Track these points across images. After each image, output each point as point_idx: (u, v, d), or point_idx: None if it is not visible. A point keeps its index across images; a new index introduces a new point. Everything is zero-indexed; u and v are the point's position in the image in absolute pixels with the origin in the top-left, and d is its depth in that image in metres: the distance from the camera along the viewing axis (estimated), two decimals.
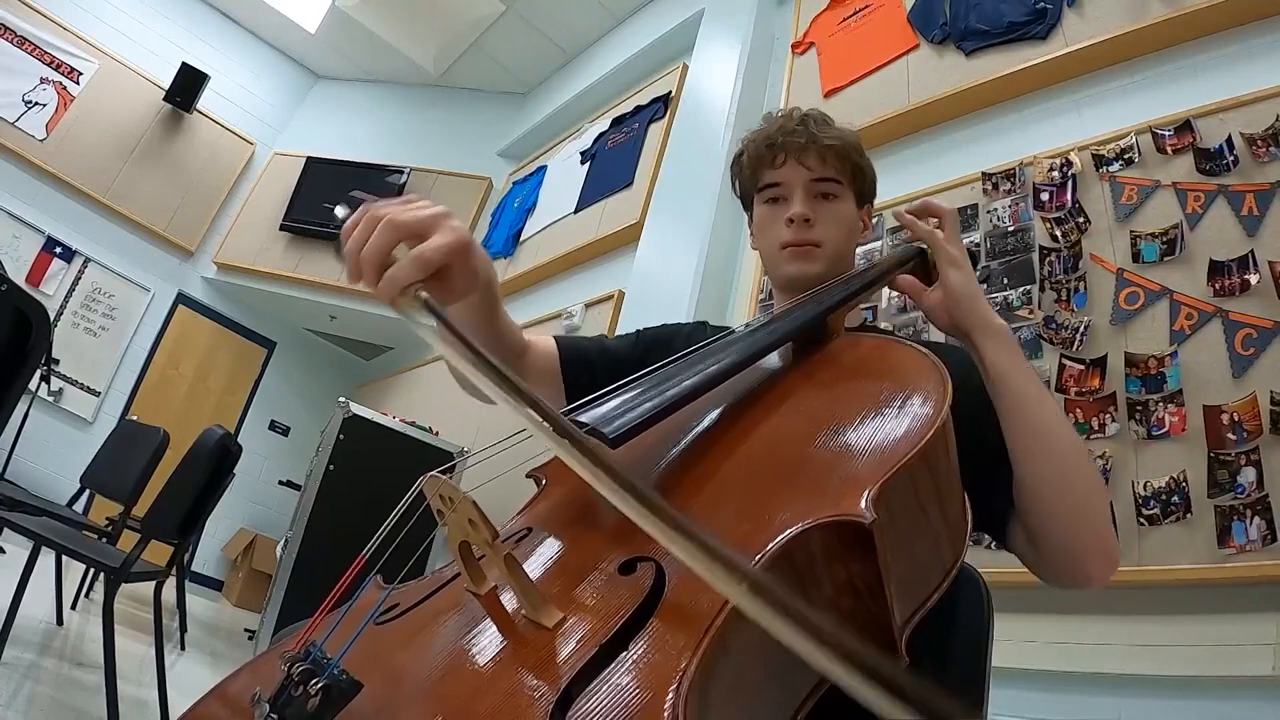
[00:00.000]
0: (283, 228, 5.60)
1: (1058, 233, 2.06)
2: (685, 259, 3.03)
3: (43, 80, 5.08)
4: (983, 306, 0.80)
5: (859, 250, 1.08)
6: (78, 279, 5.13)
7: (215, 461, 2.34)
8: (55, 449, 4.74)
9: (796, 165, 0.94)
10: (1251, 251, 1.69)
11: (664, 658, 0.39)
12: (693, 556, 0.38)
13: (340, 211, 0.60)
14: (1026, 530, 0.77)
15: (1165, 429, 1.67)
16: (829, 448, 0.56)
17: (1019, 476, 0.76)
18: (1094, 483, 0.76)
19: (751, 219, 1.03)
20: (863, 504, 0.46)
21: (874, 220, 2.43)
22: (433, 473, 0.50)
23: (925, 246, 1.00)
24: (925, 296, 0.84)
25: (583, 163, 4.45)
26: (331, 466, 3.34)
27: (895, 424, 0.55)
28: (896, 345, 0.70)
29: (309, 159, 5.83)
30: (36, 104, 5.03)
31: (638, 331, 1.09)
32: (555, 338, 0.99)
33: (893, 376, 0.64)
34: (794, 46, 3.30)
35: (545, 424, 0.44)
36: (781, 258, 0.95)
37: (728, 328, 1.05)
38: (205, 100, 5.65)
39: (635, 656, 0.40)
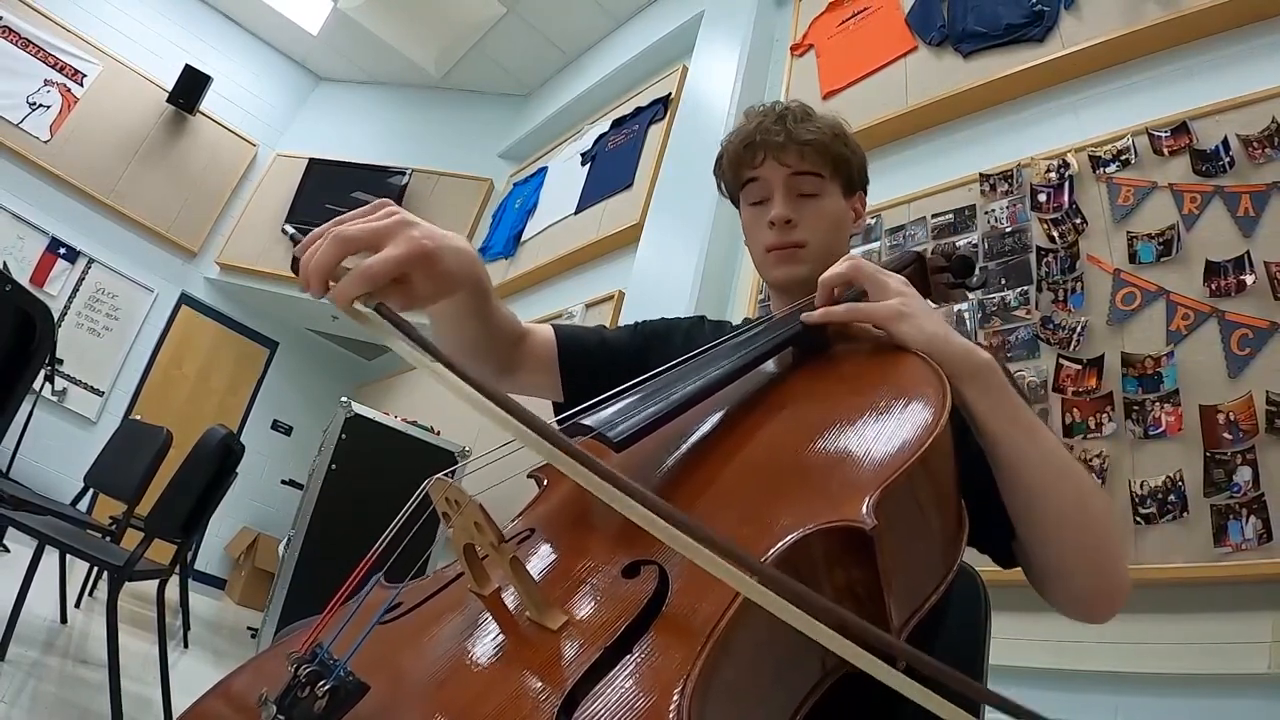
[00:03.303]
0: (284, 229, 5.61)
1: (1055, 233, 2.06)
2: (685, 259, 3.04)
3: (46, 82, 5.09)
4: (955, 346, 0.67)
5: (860, 249, 1.06)
6: (81, 279, 5.14)
7: (218, 461, 2.34)
8: (59, 448, 4.75)
9: (775, 164, 0.92)
10: (1247, 252, 1.70)
11: (668, 660, 0.39)
12: (699, 554, 0.38)
13: (289, 229, 0.59)
14: (1031, 571, 0.74)
15: (1162, 428, 1.68)
16: (830, 453, 0.56)
17: (1018, 531, 0.70)
18: (1099, 529, 0.69)
19: (746, 237, 1.02)
20: (864, 510, 0.46)
21: (873, 220, 2.47)
22: (439, 475, 0.51)
23: (921, 251, 1.01)
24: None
25: (583, 164, 4.46)
26: (334, 466, 3.35)
27: (895, 430, 0.55)
28: (897, 350, 0.69)
29: (311, 160, 5.83)
30: (40, 105, 5.04)
31: (636, 324, 1.07)
32: (554, 326, 0.97)
33: (893, 382, 0.64)
34: (793, 48, 3.31)
35: (528, 430, 0.44)
36: (768, 261, 0.94)
37: (727, 323, 1.04)
38: (208, 102, 5.66)
39: (639, 659, 0.40)
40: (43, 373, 3.76)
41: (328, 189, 5.43)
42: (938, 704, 0.33)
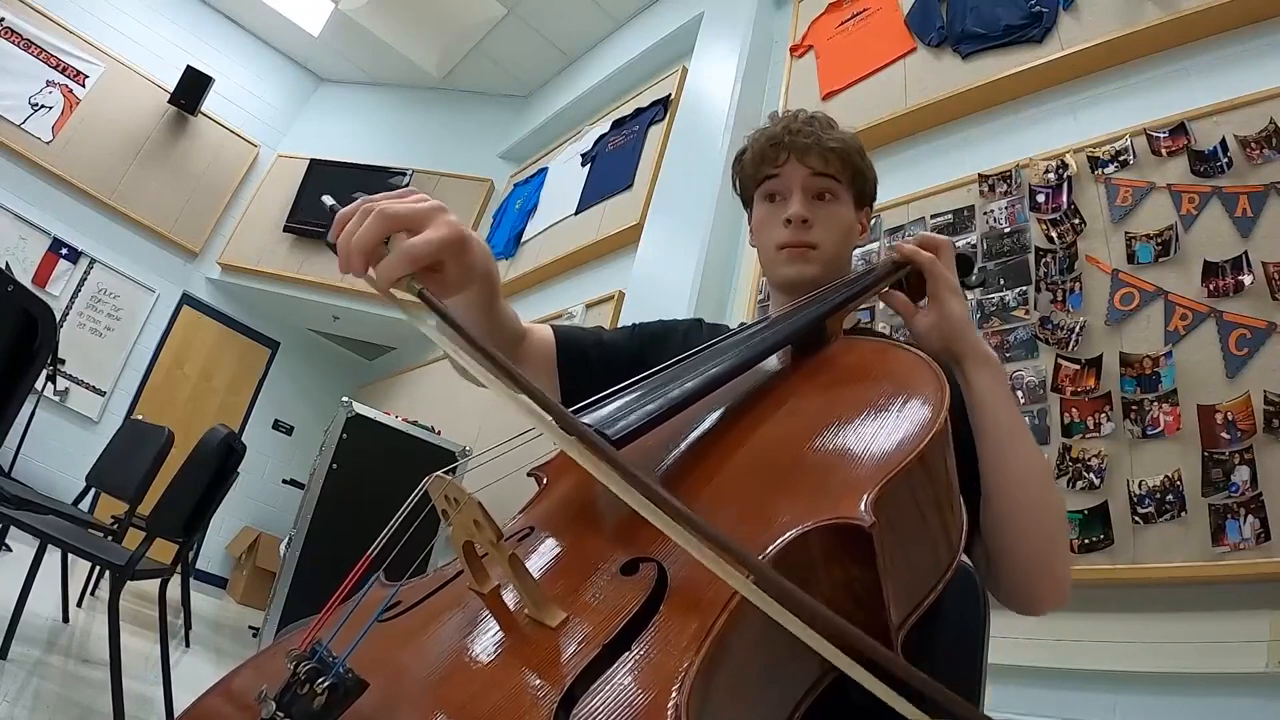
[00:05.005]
0: (286, 229, 5.62)
1: (1053, 234, 2.07)
2: (685, 260, 3.05)
3: (49, 83, 5.10)
4: (975, 334, 0.81)
5: (857, 252, 1.08)
6: (83, 280, 5.15)
7: (220, 460, 2.34)
8: (61, 448, 4.77)
9: (798, 164, 0.94)
10: (1245, 253, 1.70)
11: (666, 658, 0.39)
12: (698, 548, 0.38)
13: (328, 200, 0.59)
14: (988, 552, 0.77)
15: (1160, 428, 1.69)
16: (828, 451, 0.56)
17: (989, 504, 0.76)
18: (1058, 519, 0.78)
19: (750, 217, 1.03)
20: (862, 507, 0.46)
21: (871, 222, 2.47)
22: (438, 473, 0.51)
23: None
24: (916, 320, 0.84)
25: (583, 165, 4.47)
26: (335, 465, 3.36)
27: (894, 427, 0.55)
28: (895, 349, 0.70)
29: (312, 161, 5.85)
30: (43, 106, 5.05)
31: (634, 326, 1.08)
32: (553, 327, 0.98)
33: (892, 380, 0.64)
34: (792, 49, 3.32)
35: (550, 419, 0.44)
36: (779, 259, 0.95)
37: (724, 325, 1.05)
38: (210, 103, 5.67)
39: (638, 656, 0.40)
40: (45, 373, 3.77)
41: (329, 190, 5.40)
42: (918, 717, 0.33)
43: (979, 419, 0.77)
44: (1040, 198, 2.14)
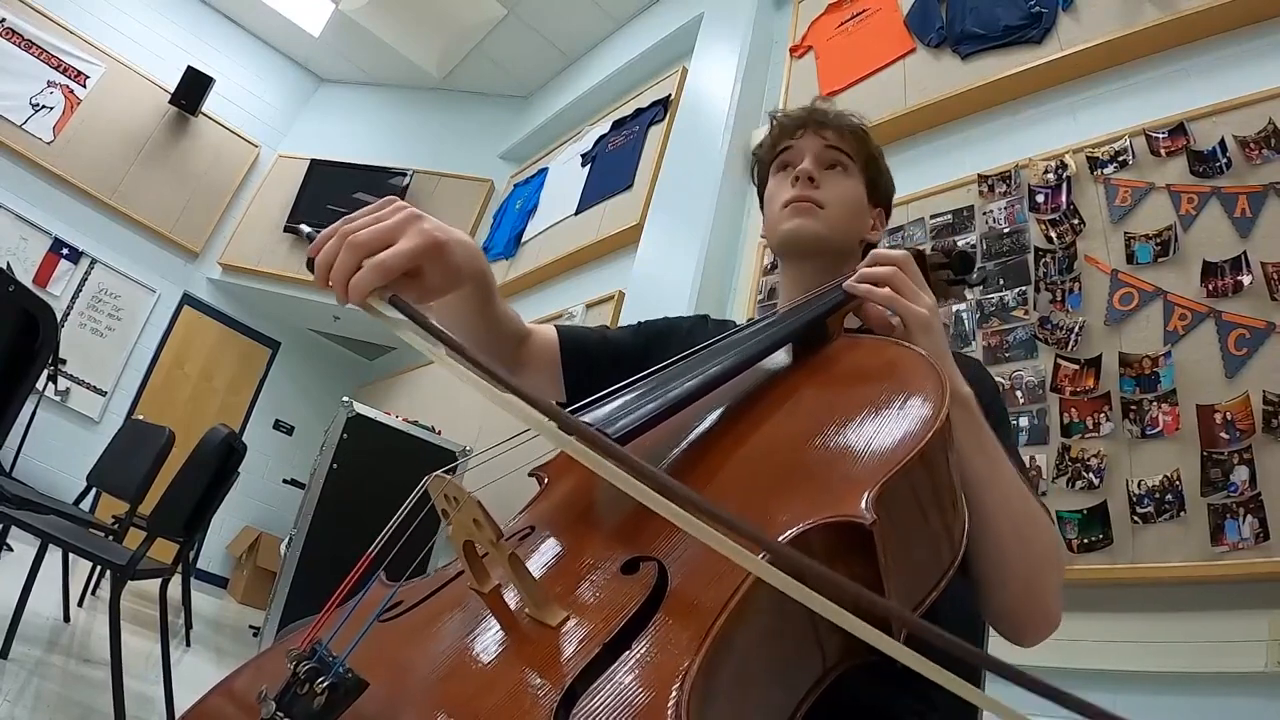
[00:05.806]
0: (286, 229, 5.62)
1: (1053, 234, 2.07)
2: (685, 260, 3.05)
3: (50, 84, 5.10)
4: (950, 369, 0.71)
5: None
6: (84, 280, 5.16)
7: (220, 460, 2.34)
8: (62, 448, 4.77)
9: (813, 136, 0.98)
10: (1244, 253, 1.71)
11: (667, 656, 0.39)
12: (708, 533, 0.38)
13: (305, 229, 0.61)
14: (975, 582, 0.75)
15: (1159, 428, 1.69)
16: (829, 449, 0.56)
17: (970, 541, 0.71)
18: (1042, 556, 0.73)
19: (764, 209, 1.04)
20: (863, 505, 0.46)
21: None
22: (438, 473, 0.51)
23: (921, 249, 1.02)
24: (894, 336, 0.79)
25: (583, 165, 4.47)
26: (335, 465, 3.37)
27: (895, 425, 0.55)
28: (897, 347, 0.69)
29: (313, 161, 5.85)
30: (44, 107, 5.06)
31: (639, 323, 1.09)
32: (556, 326, 0.98)
33: (893, 378, 0.64)
34: (792, 50, 3.32)
35: (544, 418, 0.44)
36: (782, 216, 0.96)
37: (729, 322, 1.05)
38: (210, 103, 5.68)
39: (638, 655, 0.40)
40: (46, 373, 3.77)
41: (330, 190, 5.45)
42: (945, 678, 0.33)
43: None
44: (1040, 198, 2.15)
